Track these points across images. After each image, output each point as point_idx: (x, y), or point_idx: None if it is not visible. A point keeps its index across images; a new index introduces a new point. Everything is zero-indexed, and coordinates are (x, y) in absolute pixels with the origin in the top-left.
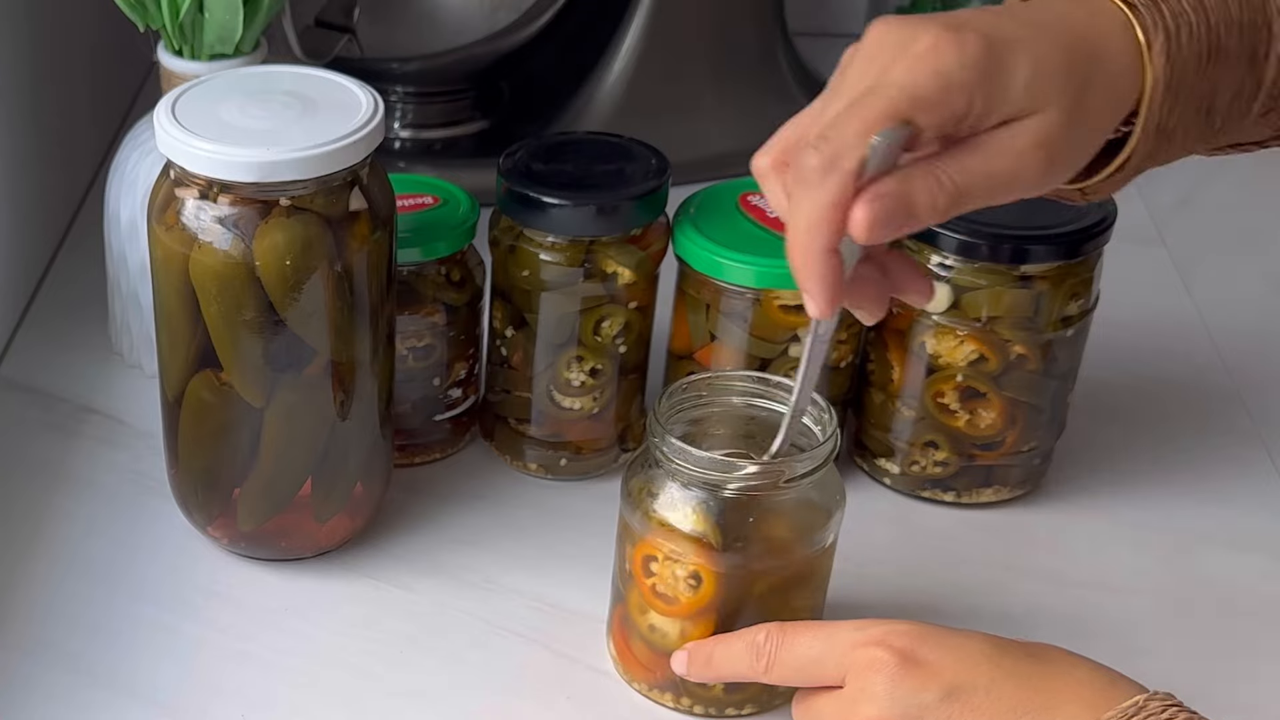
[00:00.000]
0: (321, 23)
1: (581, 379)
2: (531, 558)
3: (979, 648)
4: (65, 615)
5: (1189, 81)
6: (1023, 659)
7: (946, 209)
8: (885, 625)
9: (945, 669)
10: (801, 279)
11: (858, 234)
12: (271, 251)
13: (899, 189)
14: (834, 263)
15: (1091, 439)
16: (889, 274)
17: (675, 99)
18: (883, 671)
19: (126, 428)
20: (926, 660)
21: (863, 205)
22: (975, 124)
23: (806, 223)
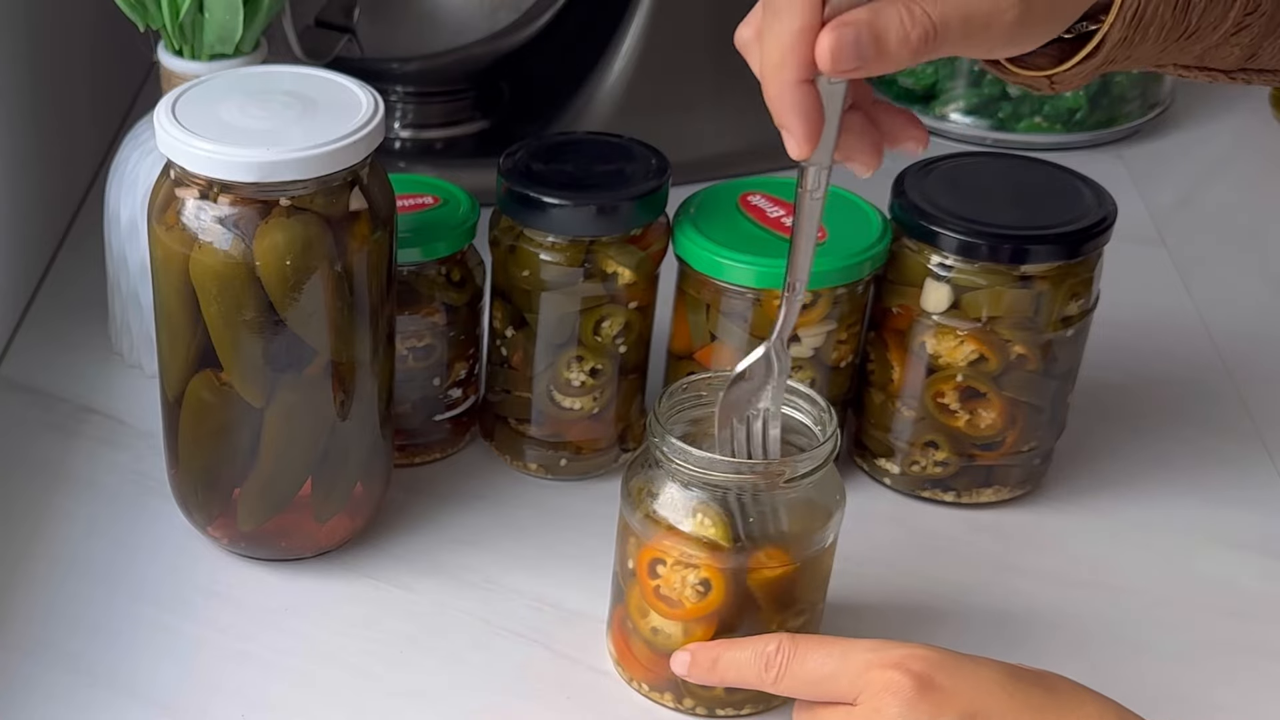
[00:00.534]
0: (321, 23)
1: (581, 379)
2: (531, 558)
3: (994, 676)
4: (65, 615)
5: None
6: (1035, 689)
7: (919, 45)
8: (904, 649)
9: (961, 696)
10: (777, 113)
11: (822, 62)
12: (271, 251)
13: (869, 18)
14: (808, 93)
15: (1091, 439)
16: (880, 126)
17: (675, 99)
18: (899, 695)
19: (126, 428)
20: (943, 686)
21: (828, 31)
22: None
23: (777, 54)
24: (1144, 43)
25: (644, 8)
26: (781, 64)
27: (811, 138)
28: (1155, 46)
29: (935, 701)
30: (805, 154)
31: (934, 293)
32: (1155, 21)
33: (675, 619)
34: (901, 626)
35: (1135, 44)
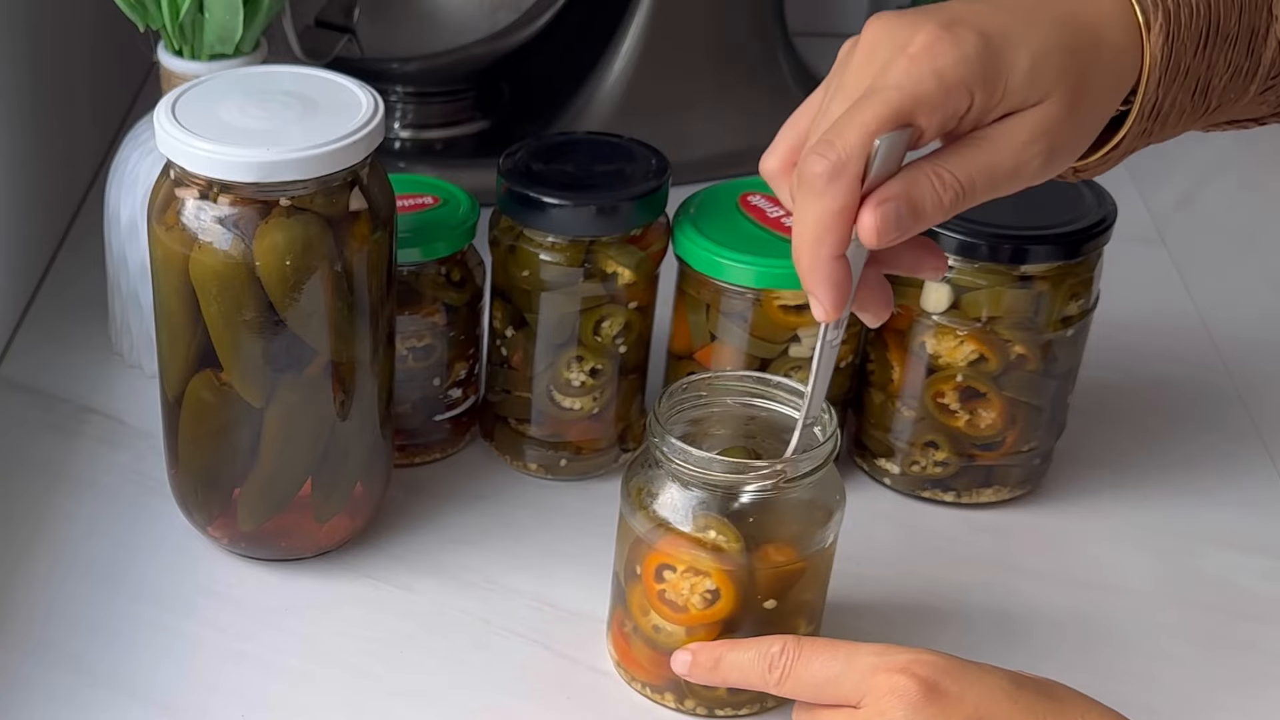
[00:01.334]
0: (321, 23)
1: (581, 379)
2: (531, 558)
3: (998, 683)
4: (65, 615)
5: (1186, 62)
6: (1039, 697)
7: (952, 206)
8: (910, 653)
9: (966, 702)
10: (810, 284)
11: (867, 239)
12: (271, 251)
13: (904, 191)
14: (843, 268)
15: (1091, 439)
16: (898, 260)
17: (675, 99)
18: (904, 698)
19: (126, 428)
20: (948, 691)
21: (870, 211)
22: (977, 119)
23: (814, 230)
24: (1165, 128)
25: (644, 8)
26: (819, 241)
27: (840, 306)
28: (1176, 127)
29: (941, 706)
30: (832, 319)
31: (934, 293)
32: (1175, 110)
33: (679, 624)
34: (902, 626)
35: (1158, 132)
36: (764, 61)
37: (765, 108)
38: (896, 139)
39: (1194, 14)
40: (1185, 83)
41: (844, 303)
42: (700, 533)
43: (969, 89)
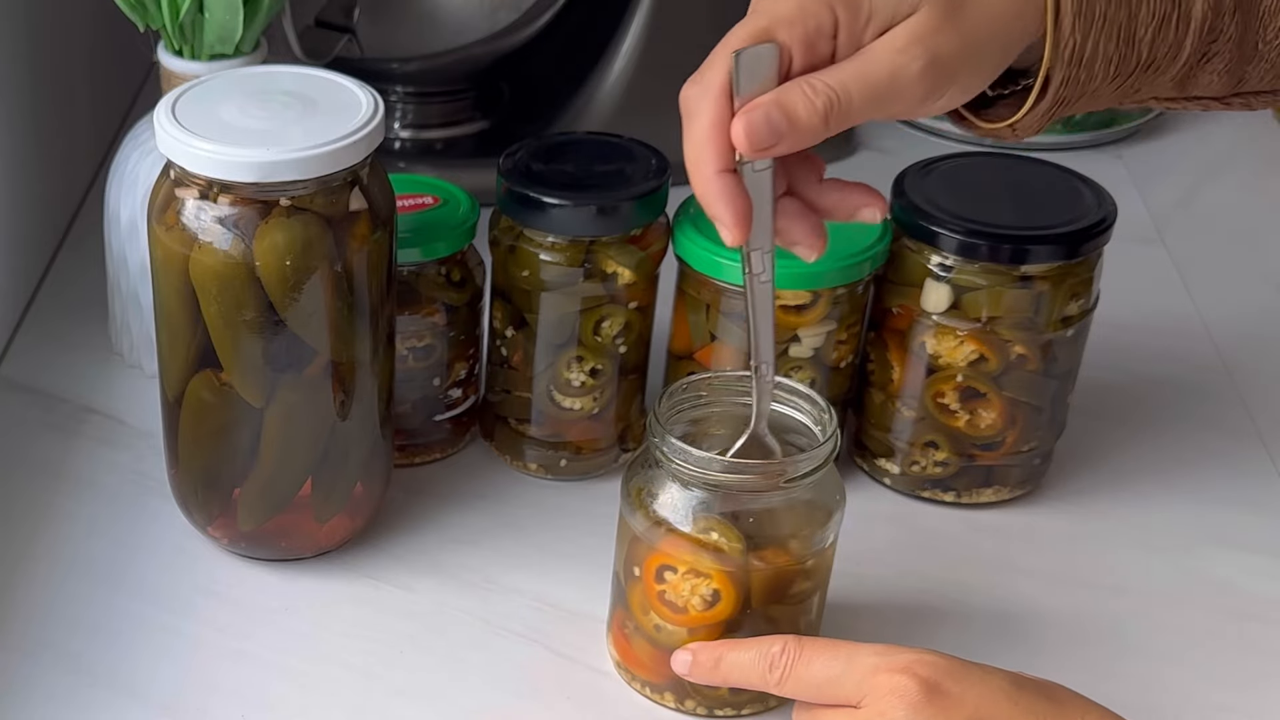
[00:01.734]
0: (321, 23)
1: (581, 379)
2: (531, 558)
3: (999, 684)
4: (65, 615)
5: (1101, 6)
6: (1040, 699)
7: (827, 112)
8: (911, 654)
9: (967, 703)
10: (705, 204)
11: (740, 144)
12: (271, 251)
13: (774, 99)
14: (731, 181)
15: (1091, 439)
16: (830, 204)
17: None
18: (905, 699)
19: (126, 428)
20: (949, 692)
21: (739, 118)
22: (851, 38)
23: (695, 150)
24: (1095, 79)
25: (644, 8)
26: (700, 159)
27: (741, 223)
28: (1112, 83)
29: (941, 707)
30: (738, 240)
31: (934, 293)
32: (1100, 57)
33: (679, 624)
34: (901, 626)
35: (1086, 81)
36: None
37: None
38: (757, 54)
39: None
40: (1106, 28)
41: (745, 220)
42: (701, 534)
43: (829, 5)
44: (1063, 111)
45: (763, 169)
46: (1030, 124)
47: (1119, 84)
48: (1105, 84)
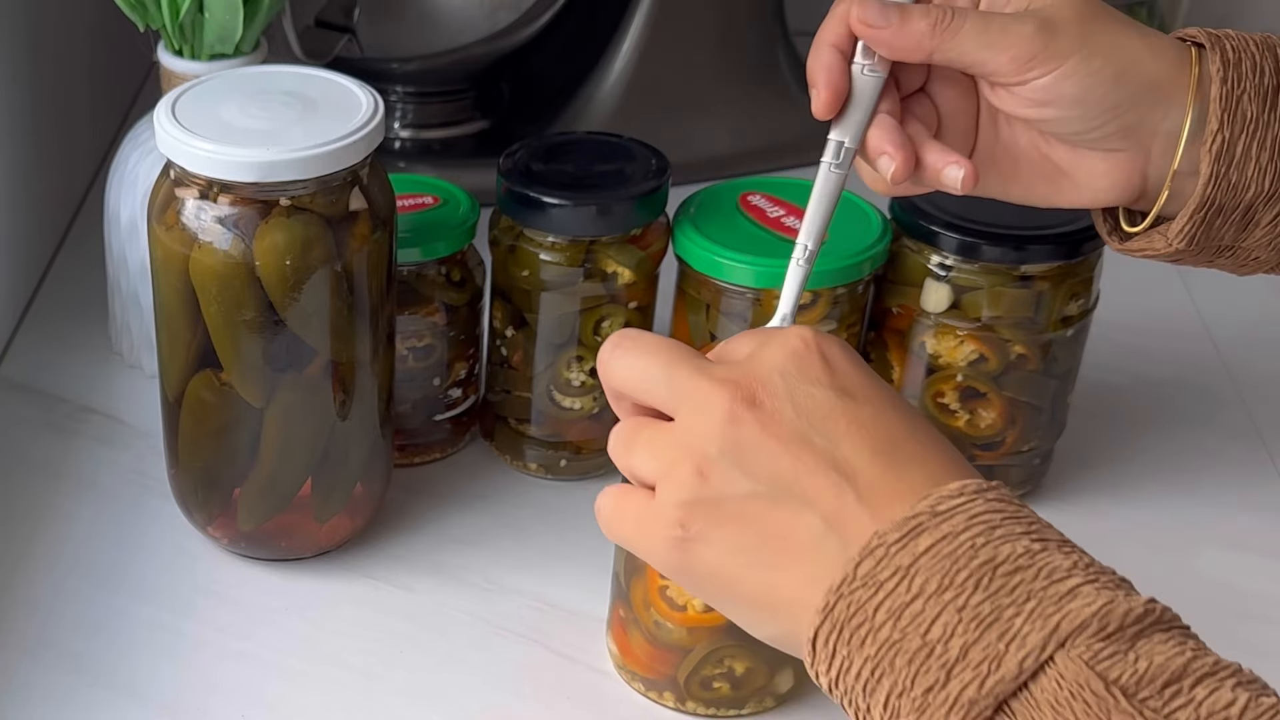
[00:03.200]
0: (321, 23)
1: (581, 379)
2: (532, 558)
3: (885, 385)
4: (65, 615)
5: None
6: (917, 415)
7: (933, 26)
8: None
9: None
10: (809, 70)
11: (852, 11)
12: (271, 251)
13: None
14: (837, 58)
15: (1091, 439)
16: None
17: (675, 99)
18: (787, 348)
19: (126, 428)
20: (838, 363)
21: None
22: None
23: (825, 23)
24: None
25: (644, 8)
26: (823, 28)
27: (830, 95)
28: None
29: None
30: (820, 109)
31: (934, 293)
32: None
33: (677, 623)
34: None
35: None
36: (764, 61)
37: (765, 108)
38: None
39: (1257, 68)
40: (1259, 135)
41: (834, 97)
42: None
43: None
44: (1216, 227)
45: (870, 74)
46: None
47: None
48: (1261, 201)
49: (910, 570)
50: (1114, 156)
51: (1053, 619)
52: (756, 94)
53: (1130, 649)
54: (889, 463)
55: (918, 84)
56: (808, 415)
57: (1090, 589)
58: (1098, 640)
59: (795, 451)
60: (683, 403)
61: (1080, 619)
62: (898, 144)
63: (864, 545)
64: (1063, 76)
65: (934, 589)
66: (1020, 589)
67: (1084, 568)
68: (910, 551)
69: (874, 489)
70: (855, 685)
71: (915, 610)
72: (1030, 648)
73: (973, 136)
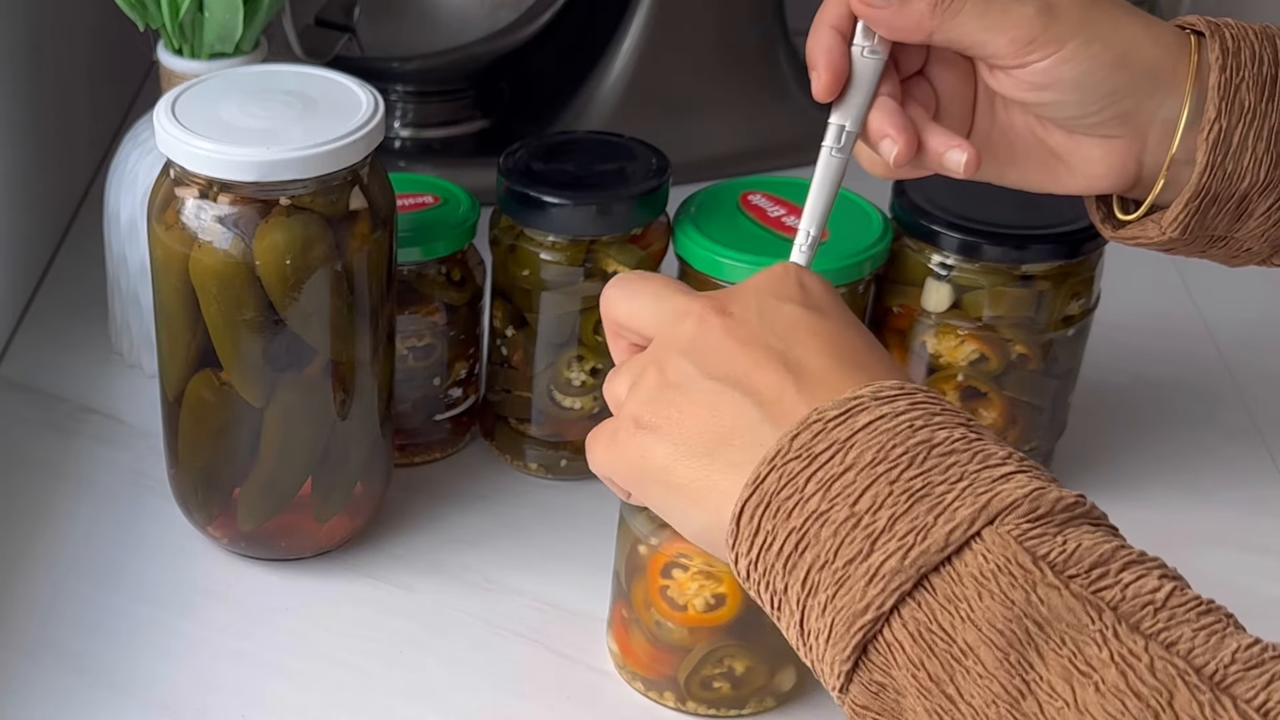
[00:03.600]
0: (321, 22)
1: (582, 378)
2: (532, 558)
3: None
4: (65, 615)
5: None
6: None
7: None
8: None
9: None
10: (807, 52)
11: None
12: (271, 251)
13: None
14: (837, 40)
15: (1091, 439)
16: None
17: (676, 99)
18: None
19: (126, 428)
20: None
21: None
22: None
23: (822, 8)
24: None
25: (644, 7)
26: (823, 9)
27: (831, 77)
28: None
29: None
30: (820, 92)
31: (935, 292)
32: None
33: (678, 623)
34: None
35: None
36: (764, 60)
37: (765, 107)
38: None
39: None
40: (1255, 125)
41: (834, 79)
42: None
43: None
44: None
45: (870, 56)
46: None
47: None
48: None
49: (847, 444)
50: (1110, 143)
51: (983, 496)
52: (756, 94)
53: (1059, 533)
54: (838, 365)
55: (916, 67)
56: (770, 323)
57: (1024, 476)
58: (1027, 521)
59: (750, 350)
60: (662, 319)
61: (1012, 499)
62: (900, 126)
63: (802, 419)
64: (1062, 60)
65: (867, 461)
66: (954, 469)
67: (1018, 460)
68: (848, 427)
69: (816, 383)
70: (775, 563)
71: (847, 481)
72: (959, 520)
73: (970, 120)
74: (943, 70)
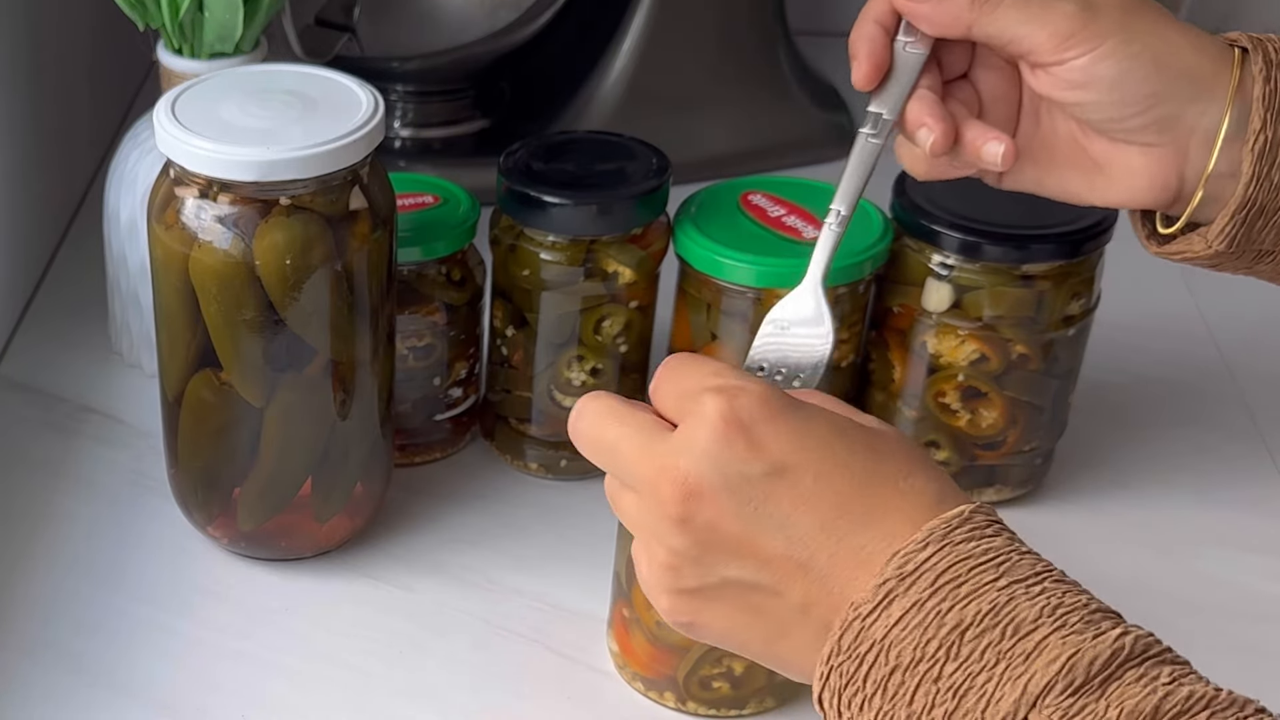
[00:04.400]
0: (321, 21)
1: (582, 378)
2: (532, 558)
3: (819, 431)
4: (65, 615)
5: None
6: (861, 452)
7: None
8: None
9: (777, 446)
10: (850, 43)
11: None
12: (271, 251)
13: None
14: (881, 34)
15: (1092, 439)
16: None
17: (676, 98)
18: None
19: (126, 427)
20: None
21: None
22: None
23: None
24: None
25: (644, 7)
26: (869, 4)
27: (871, 68)
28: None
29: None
30: (860, 81)
31: (935, 292)
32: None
33: None
34: None
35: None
36: (765, 60)
37: (766, 107)
38: None
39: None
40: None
41: (874, 69)
42: None
43: None
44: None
45: (913, 51)
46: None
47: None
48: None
49: (885, 642)
50: (1151, 152)
51: (1020, 681)
52: (756, 94)
53: (1100, 698)
54: (840, 534)
55: (961, 69)
56: (746, 502)
57: (1056, 639)
58: (1066, 696)
59: (748, 547)
60: (636, 487)
61: (1046, 679)
62: (937, 116)
63: (842, 619)
64: (1100, 58)
65: (909, 661)
66: (989, 652)
67: (1050, 613)
68: (884, 623)
69: (833, 569)
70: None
71: (896, 682)
72: (1004, 713)
73: (1013, 125)
74: (987, 73)
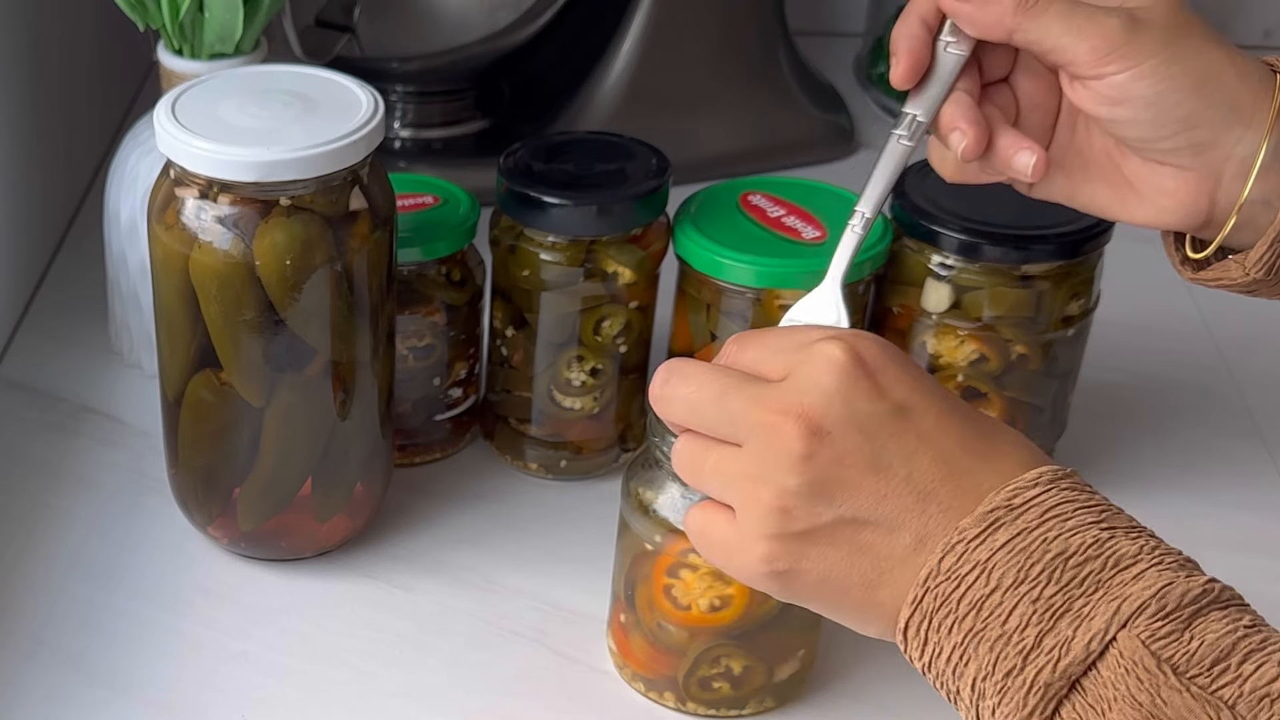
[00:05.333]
0: (322, 22)
1: (582, 379)
2: (532, 558)
3: (931, 380)
4: (65, 615)
5: None
6: (965, 404)
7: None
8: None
9: (899, 388)
10: (892, 41)
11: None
12: (271, 251)
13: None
14: (921, 33)
15: (1092, 439)
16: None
17: (676, 98)
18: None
19: (126, 427)
20: (886, 372)
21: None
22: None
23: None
24: None
25: (644, 7)
26: (913, 1)
27: (910, 67)
28: None
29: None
30: (898, 79)
31: (935, 292)
32: None
33: (681, 623)
34: None
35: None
36: (765, 60)
37: (766, 107)
38: None
39: None
40: None
41: (913, 68)
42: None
43: None
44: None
45: (954, 52)
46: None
47: None
48: None
49: (988, 564)
50: (1184, 175)
51: (1114, 603)
52: (756, 94)
53: (1186, 628)
54: (962, 470)
55: (1002, 73)
56: (874, 438)
57: (1153, 572)
58: (1156, 620)
59: (873, 478)
60: (747, 436)
61: (1140, 601)
62: (972, 120)
63: (946, 541)
64: (1139, 76)
65: (1010, 582)
66: (1090, 579)
67: (1149, 551)
68: (988, 546)
69: (954, 502)
70: (945, 669)
71: (994, 602)
72: (1095, 630)
73: (1049, 135)
74: (1027, 80)
